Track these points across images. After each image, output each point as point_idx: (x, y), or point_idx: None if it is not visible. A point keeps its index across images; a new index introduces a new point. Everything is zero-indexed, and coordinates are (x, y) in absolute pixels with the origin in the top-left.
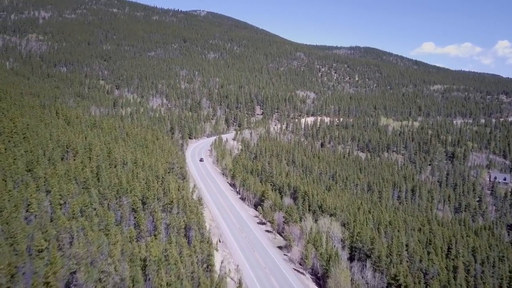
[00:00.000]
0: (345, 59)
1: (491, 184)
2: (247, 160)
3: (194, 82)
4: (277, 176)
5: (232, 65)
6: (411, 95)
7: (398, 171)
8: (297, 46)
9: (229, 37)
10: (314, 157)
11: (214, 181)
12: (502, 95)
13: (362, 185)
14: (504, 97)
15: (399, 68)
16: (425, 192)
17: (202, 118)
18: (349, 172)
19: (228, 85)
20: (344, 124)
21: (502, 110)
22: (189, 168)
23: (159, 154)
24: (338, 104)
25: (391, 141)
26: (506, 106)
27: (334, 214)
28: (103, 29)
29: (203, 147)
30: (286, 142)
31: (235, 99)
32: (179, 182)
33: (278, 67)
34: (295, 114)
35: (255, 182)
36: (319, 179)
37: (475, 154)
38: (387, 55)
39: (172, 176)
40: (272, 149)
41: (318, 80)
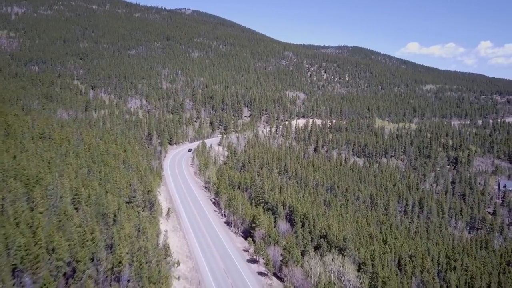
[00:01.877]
0: (334, 58)
1: (501, 192)
2: (233, 171)
3: (176, 82)
4: (269, 191)
5: (218, 64)
6: (404, 95)
7: (401, 180)
8: (285, 45)
9: (215, 35)
10: (308, 164)
11: (195, 198)
12: (496, 95)
13: (364, 198)
14: (498, 97)
15: (390, 67)
16: (434, 205)
17: (185, 121)
18: (348, 182)
19: (213, 85)
20: (337, 127)
21: (497, 111)
22: (166, 181)
23: (122, 174)
24: (329, 105)
25: (389, 145)
26: (501, 106)
27: (345, 248)
28: (81, 26)
29: (184, 154)
30: (277, 147)
31: (221, 100)
32: (142, 218)
33: (265, 66)
34: (285, 116)
35: (244, 203)
36: (316, 192)
37: (479, 159)
38: (375, 54)
39: (131, 211)
40: (262, 156)
41: (307, 80)
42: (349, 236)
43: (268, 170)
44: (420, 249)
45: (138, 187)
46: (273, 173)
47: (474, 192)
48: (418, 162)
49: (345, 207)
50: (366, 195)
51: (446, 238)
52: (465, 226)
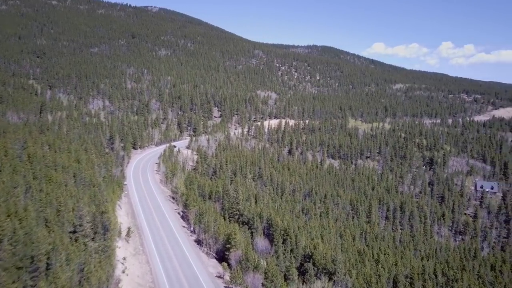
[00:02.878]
0: (304, 57)
1: (478, 193)
2: (204, 178)
3: (142, 81)
4: (244, 202)
5: (186, 62)
6: (375, 95)
7: (379, 182)
8: (255, 44)
9: (183, 33)
10: (283, 168)
11: (161, 212)
12: (463, 94)
13: (343, 204)
14: (465, 96)
15: (359, 67)
16: (416, 210)
17: (150, 122)
18: (326, 187)
19: (181, 84)
20: (311, 127)
21: (465, 110)
22: (128, 192)
23: (69, 193)
24: (301, 105)
25: (364, 146)
26: (469, 105)
27: (334, 271)
28: (39, 22)
29: (150, 160)
30: (250, 149)
31: (189, 100)
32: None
33: (236, 65)
34: (257, 116)
35: (216, 218)
36: (293, 199)
37: (453, 159)
38: (344, 54)
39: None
40: (235, 160)
41: (278, 79)
42: (339, 258)
43: (241, 176)
44: (416, 269)
45: (90, 209)
46: (247, 179)
47: (453, 194)
48: (394, 163)
49: (326, 215)
50: (345, 201)
51: (433, 247)
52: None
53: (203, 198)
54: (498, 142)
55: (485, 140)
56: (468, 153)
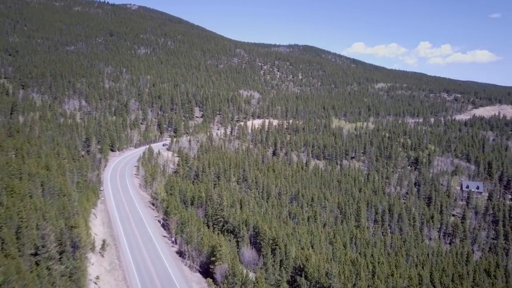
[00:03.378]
0: (286, 56)
1: (464, 193)
2: (186, 182)
3: (121, 81)
4: (228, 208)
5: (166, 61)
6: (358, 94)
7: (366, 184)
8: (237, 43)
9: (163, 31)
10: (268, 170)
11: (140, 220)
12: (443, 93)
13: (331, 207)
14: (446, 95)
15: (341, 66)
16: (404, 212)
17: (129, 123)
18: (312, 189)
19: (161, 83)
20: (295, 127)
21: (447, 109)
22: (105, 198)
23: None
24: (285, 104)
25: (349, 146)
26: (450, 104)
27: (329, 286)
28: (11, 19)
29: (129, 163)
30: (233, 151)
31: (170, 99)
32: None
33: (217, 64)
34: (240, 116)
35: (200, 227)
36: (279, 203)
37: (438, 159)
38: (325, 53)
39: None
40: (218, 163)
41: (261, 78)
42: (333, 271)
43: (225, 179)
44: (413, 279)
45: (57, 223)
46: (231, 182)
47: (440, 195)
48: (380, 163)
49: (314, 220)
50: (333, 204)
51: (425, 252)
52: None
53: (184, 204)
54: (480, 141)
55: (467, 139)
56: (452, 153)
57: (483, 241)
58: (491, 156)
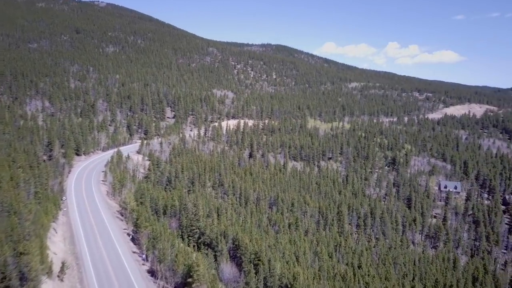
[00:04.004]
0: (260, 56)
1: (442, 194)
2: (157, 189)
3: (87, 80)
4: (204, 218)
5: (136, 60)
6: (332, 94)
7: (345, 186)
8: (209, 42)
9: (132, 29)
10: (245, 174)
11: (107, 234)
12: (415, 92)
13: (312, 212)
14: (418, 94)
15: (314, 66)
16: (387, 216)
17: (96, 125)
18: (291, 193)
19: (130, 83)
20: (270, 128)
21: (419, 108)
22: (68, 209)
23: None
24: (260, 104)
25: (326, 146)
26: (422, 103)
27: None
28: None
29: (95, 168)
30: (207, 153)
31: (140, 99)
32: None
33: (189, 63)
34: (214, 116)
35: (173, 242)
36: (258, 209)
37: (414, 158)
38: (298, 53)
39: None
40: (192, 166)
41: (234, 78)
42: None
43: (200, 185)
44: None
45: (2, 251)
46: (206, 187)
47: (419, 195)
48: (357, 163)
49: (295, 227)
50: (314, 208)
51: (411, 258)
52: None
53: (156, 213)
54: (454, 140)
55: (441, 138)
56: (428, 152)
57: (465, 243)
58: (465, 155)
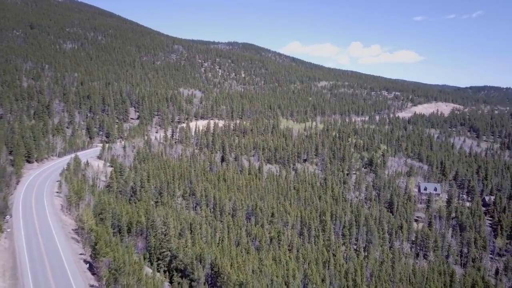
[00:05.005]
0: (228, 54)
1: (422, 196)
2: (121, 201)
3: (42, 78)
4: (176, 238)
5: (97, 57)
6: (302, 93)
7: (324, 190)
8: (174, 39)
9: (92, 25)
10: (219, 180)
11: (59, 263)
12: (384, 91)
13: (293, 222)
14: (386, 93)
15: (283, 64)
16: (373, 224)
17: (52, 128)
18: (270, 200)
19: (90, 81)
20: (242, 129)
21: (389, 106)
22: (13, 229)
23: None
24: (230, 104)
25: (301, 148)
26: (392, 102)
27: None
28: None
29: (49, 177)
30: (176, 158)
31: (101, 99)
32: None
33: (154, 61)
34: (181, 117)
35: (141, 276)
36: (236, 222)
37: (391, 159)
38: (265, 51)
39: None
40: (159, 174)
41: (202, 76)
42: None
43: (169, 195)
44: None
45: None
46: (176, 197)
47: (400, 199)
48: (334, 165)
49: (277, 241)
50: (295, 218)
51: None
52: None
53: (120, 232)
54: (427, 139)
55: (415, 137)
56: (404, 152)
57: (454, 251)
58: (440, 154)
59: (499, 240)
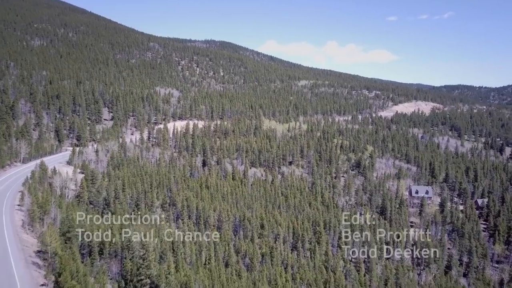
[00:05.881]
0: (205, 51)
1: (414, 200)
2: (92, 214)
3: (6, 77)
4: (157, 262)
5: (67, 55)
6: (283, 92)
7: (314, 196)
8: (150, 37)
9: (62, 21)
10: (201, 187)
11: None
12: (364, 89)
13: (285, 234)
14: (367, 92)
15: (262, 63)
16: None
17: (15, 131)
18: (258, 209)
19: (60, 80)
20: (223, 130)
21: (370, 106)
22: None
23: None
24: (209, 103)
25: (286, 149)
26: (373, 101)
27: None
28: None
29: (10, 187)
30: (154, 162)
31: (71, 99)
32: None
33: (128, 59)
34: (158, 117)
35: None
36: (223, 237)
37: (379, 161)
38: (243, 50)
39: None
40: (135, 181)
41: (179, 74)
42: None
43: (146, 207)
44: None
45: None
46: (154, 207)
47: (392, 204)
48: (321, 168)
49: (270, 258)
50: (287, 229)
51: None
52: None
53: (90, 254)
54: (413, 139)
55: (399, 138)
56: (391, 153)
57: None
58: (427, 155)
59: (497, 246)
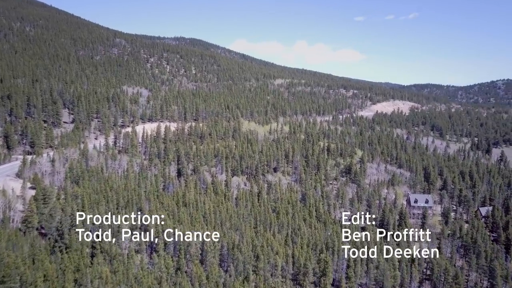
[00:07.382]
0: (176, 48)
1: (414, 210)
2: (43, 250)
3: None
4: None
5: (23, 50)
6: (259, 91)
7: (308, 208)
8: (115, 33)
9: (19, 14)
10: (178, 205)
11: None
12: (341, 89)
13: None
14: (344, 91)
15: (236, 61)
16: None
17: None
18: (248, 231)
19: (13, 78)
20: (199, 133)
21: (349, 105)
22: None
23: None
24: (182, 103)
25: (270, 155)
26: (352, 101)
27: None
28: None
29: None
30: (121, 173)
31: (26, 100)
32: None
33: (92, 55)
34: (126, 119)
35: None
36: (210, 275)
37: (369, 165)
38: (214, 47)
39: None
40: (99, 200)
41: (148, 72)
42: None
43: (112, 235)
44: None
45: None
46: (122, 236)
47: (393, 216)
48: (309, 175)
49: None
50: (285, 258)
51: None
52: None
53: None
54: (399, 141)
55: (385, 139)
56: (380, 156)
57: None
58: (417, 158)
59: None
